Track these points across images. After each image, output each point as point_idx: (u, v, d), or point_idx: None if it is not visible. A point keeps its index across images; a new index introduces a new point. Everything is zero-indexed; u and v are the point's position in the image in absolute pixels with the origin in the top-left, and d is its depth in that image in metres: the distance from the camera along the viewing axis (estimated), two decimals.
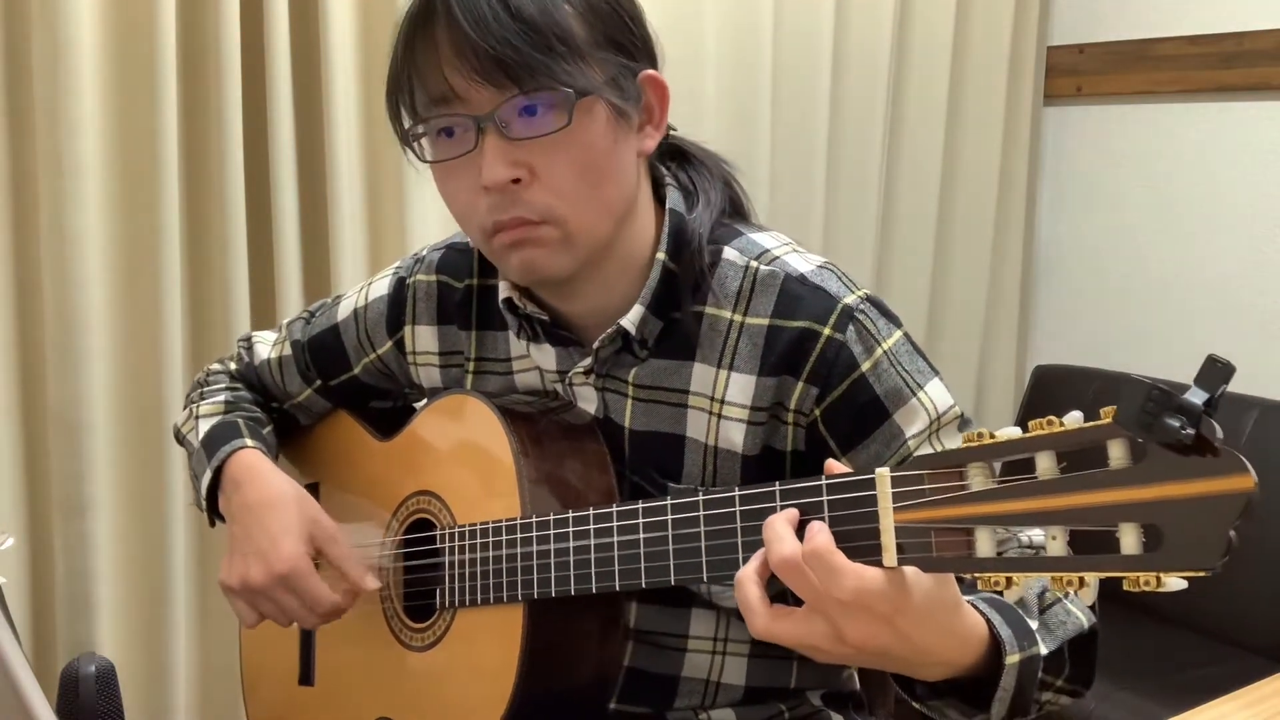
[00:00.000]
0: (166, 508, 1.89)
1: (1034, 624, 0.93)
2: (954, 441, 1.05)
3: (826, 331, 1.03)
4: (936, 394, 1.05)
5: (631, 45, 1.03)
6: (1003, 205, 2.85)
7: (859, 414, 1.03)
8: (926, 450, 1.03)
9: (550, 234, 1.01)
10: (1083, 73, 2.83)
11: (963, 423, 1.07)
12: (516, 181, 0.99)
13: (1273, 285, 2.56)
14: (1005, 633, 0.90)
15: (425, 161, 1.05)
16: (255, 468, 1.20)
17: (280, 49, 1.90)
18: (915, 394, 1.04)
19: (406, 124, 1.04)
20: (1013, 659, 0.89)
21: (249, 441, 1.22)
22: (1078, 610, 0.98)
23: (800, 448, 1.06)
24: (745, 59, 2.41)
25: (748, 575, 0.86)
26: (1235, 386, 2.50)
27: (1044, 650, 0.92)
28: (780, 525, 0.85)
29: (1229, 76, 2.57)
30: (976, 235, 2.83)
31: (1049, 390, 2.75)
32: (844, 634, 0.82)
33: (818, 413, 1.04)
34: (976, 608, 0.90)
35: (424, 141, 1.04)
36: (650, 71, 1.04)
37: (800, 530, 0.85)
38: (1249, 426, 2.34)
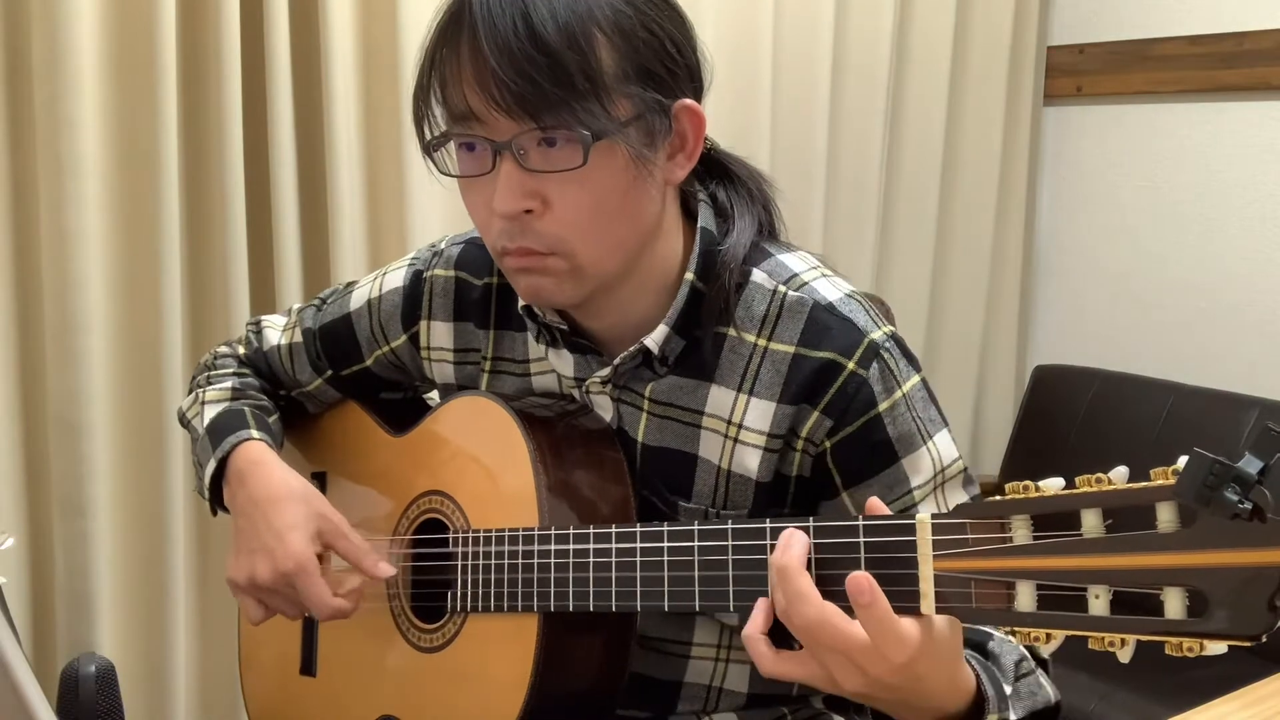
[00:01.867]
0: (166, 508, 1.89)
1: (1008, 689, 0.94)
2: (959, 497, 1.05)
3: (850, 366, 1.02)
4: (943, 445, 1.05)
5: (668, 75, 0.99)
6: (1002, 205, 2.85)
7: (869, 452, 1.03)
8: (931, 505, 1.03)
9: (558, 265, 1.00)
10: (1083, 73, 2.83)
11: (966, 479, 1.07)
12: (529, 211, 0.98)
13: (1273, 285, 2.56)
14: (990, 692, 0.90)
15: (445, 174, 1.03)
16: (261, 461, 1.19)
17: (280, 49, 1.90)
18: (925, 442, 1.04)
19: (429, 134, 1.02)
20: (992, 719, 0.90)
21: (255, 433, 1.22)
22: (1047, 684, 0.99)
23: (805, 474, 1.06)
24: (745, 59, 2.41)
25: (752, 632, 0.86)
26: (1235, 386, 2.48)
27: (1013, 716, 0.92)
28: (801, 580, 0.84)
29: (1229, 76, 2.57)
30: (976, 235, 2.83)
31: (1049, 390, 2.74)
32: (868, 672, 0.82)
33: (828, 444, 1.03)
34: (969, 663, 0.91)
35: (449, 150, 1.02)
36: (686, 102, 1.01)
37: (817, 572, 0.85)
38: (1249, 426, 2.34)
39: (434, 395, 1.32)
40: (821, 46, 2.49)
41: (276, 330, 1.35)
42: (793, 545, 0.86)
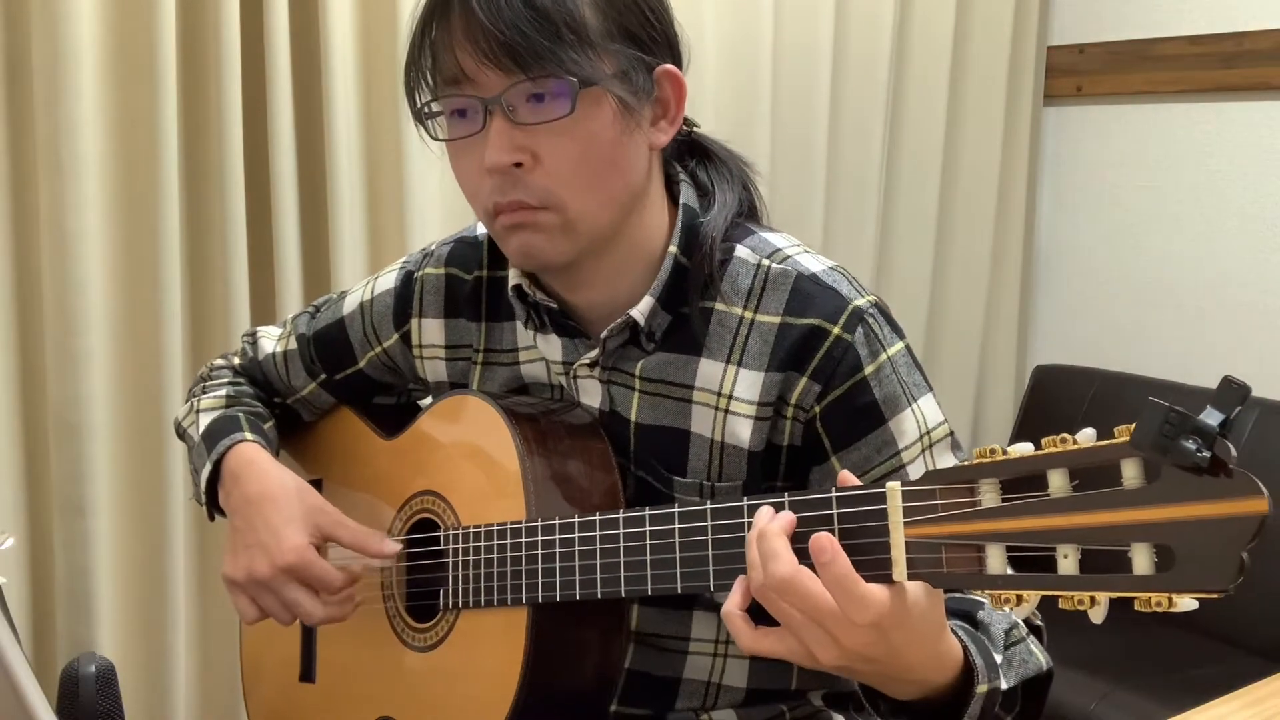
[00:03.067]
0: (166, 508, 1.89)
1: (999, 657, 0.95)
2: (947, 461, 1.06)
3: (836, 331, 1.03)
4: (928, 408, 1.06)
5: (649, 39, 1.03)
6: (1003, 205, 2.85)
7: (856, 415, 1.04)
8: (920, 467, 1.04)
9: (549, 220, 1.02)
10: (1083, 73, 2.83)
11: (954, 442, 1.08)
12: (519, 166, 1.00)
13: (1273, 285, 2.56)
14: (979, 662, 0.90)
15: (436, 139, 1.06)
16: (254, 461, 1.19)
17: (280, 49, 1.90)
18: (909, 405, 1.05)
19: (419, 101, 1.05)
20: (981, 688, 0.90)
21: (248, 435, 1.22)
22: (1039, 652, 1.00)
23: (796, 443, 1.07)
24: (745, 59, 2.41)
25: (731, 610, 0.87)
26: None
27: (1004, 685, 0.93)
28: (776, 541, 0.85)
29: (1229, 76, 2.57)
30: (976, 235, 2.83)
31: (1049, 390, 2.74)
32: (841, 642, 0.83)
33: (817, 409, 1.04)
34: (956, 634, 0.91)
35: (439, 120, 1.05)
36: (667, 66, 1.05)
37: (800, 540, 0.85)
38: (1249, 426, 2.34)
39: (428, 400, 1.33)
40: (821, 46, 2.50)
41: (271, 339, 1.36)
42: (778, 516, 0.87)
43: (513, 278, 1.12)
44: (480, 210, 1.06)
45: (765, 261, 1.08)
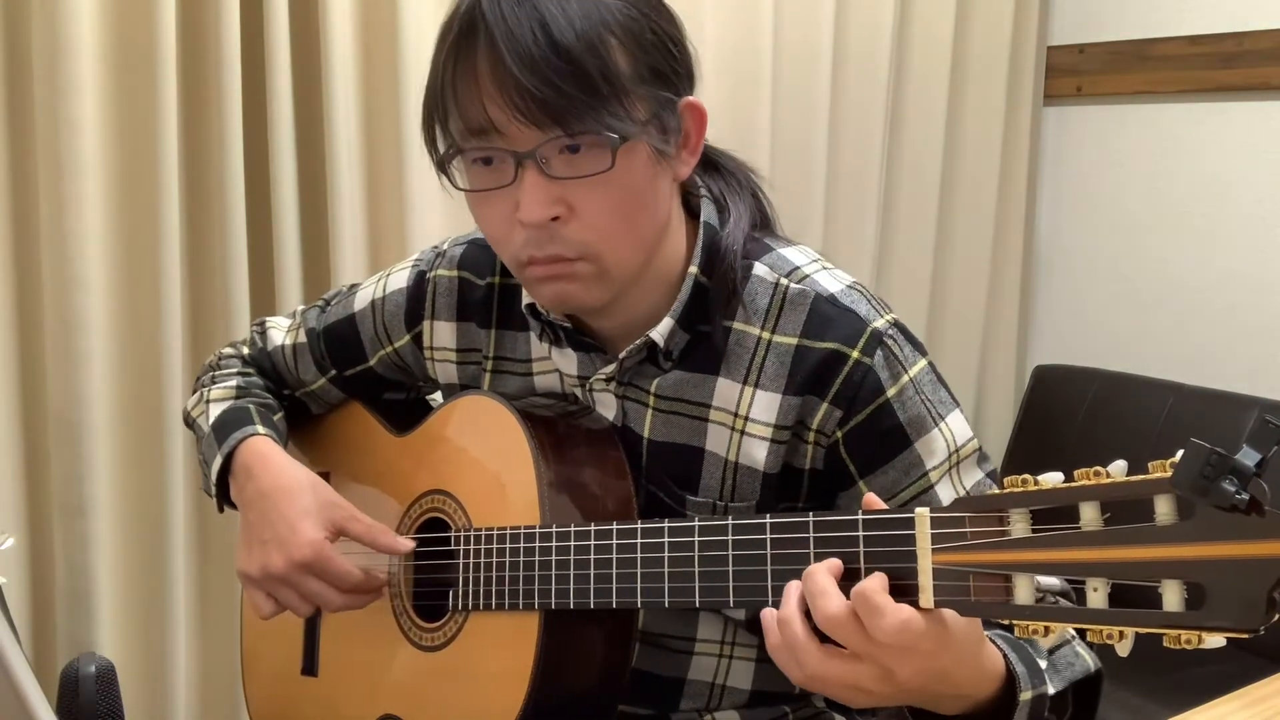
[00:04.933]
0: (166, 508, 1.89)
1: (1043, 663, 0.94)
2: (974, 476, 1.06)
3: (855, 355, 1.02)
4: (956, 426, 1.05)
5: (673, 73, 1.01)
6: (1003, 205, 2.85)
7: (881, 439, 1.03)
8: (947, 484, 1.04)
9: (586, 269, 1.00)
10: (1083, 73, 2.83)
11: (980, 456, 1.07)
12: (555, 219, 0.98)
13: (1273, 285, 2.55)
14: (1020, 669, 0.90)
15: (459, 189, 1.02)
16: (267, 455, 1.19)
17: (280, 49, 1.90)
18: (937, 424, 1.04)
19: (442, 148, 1.01)
20: (1025, 696, 0.90)
21: (260, 428, 1.22)
22: (1085, 653, 0.99)
23: (819, 466, 1.06)
24: (745, 59, 2.41)
25: (792, 614, 0.84)
26: (1235, 386, 2.48)
27: (1051, 690, 0.93)
28: (823, 579, 0.84)
29: (1229, 76, 2.56)
30: (976, 235, 2.83)
31: (1049, 390, 2.74)
32: (893, 674, 0.82)
33: (840, 435, 1.04)
34: (995, 643, 0.91)
35: (459, 164, 1.01)
36: (690, 99, 1.03)
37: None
38: (1249, 426, 2.34)
39: (437, 396, 1.32)
40: (822, 46, 2.49)
41: (281, 330, 1.35)
42: (824, 563, 0.86)
43: (527, 295, 1.11)
44: (509, 259, 1.03)
45: (784, 280, 1.07)
